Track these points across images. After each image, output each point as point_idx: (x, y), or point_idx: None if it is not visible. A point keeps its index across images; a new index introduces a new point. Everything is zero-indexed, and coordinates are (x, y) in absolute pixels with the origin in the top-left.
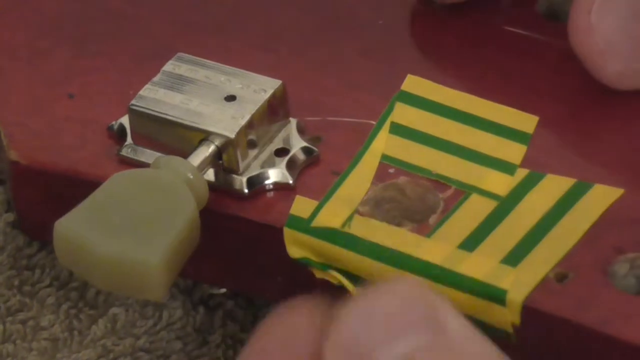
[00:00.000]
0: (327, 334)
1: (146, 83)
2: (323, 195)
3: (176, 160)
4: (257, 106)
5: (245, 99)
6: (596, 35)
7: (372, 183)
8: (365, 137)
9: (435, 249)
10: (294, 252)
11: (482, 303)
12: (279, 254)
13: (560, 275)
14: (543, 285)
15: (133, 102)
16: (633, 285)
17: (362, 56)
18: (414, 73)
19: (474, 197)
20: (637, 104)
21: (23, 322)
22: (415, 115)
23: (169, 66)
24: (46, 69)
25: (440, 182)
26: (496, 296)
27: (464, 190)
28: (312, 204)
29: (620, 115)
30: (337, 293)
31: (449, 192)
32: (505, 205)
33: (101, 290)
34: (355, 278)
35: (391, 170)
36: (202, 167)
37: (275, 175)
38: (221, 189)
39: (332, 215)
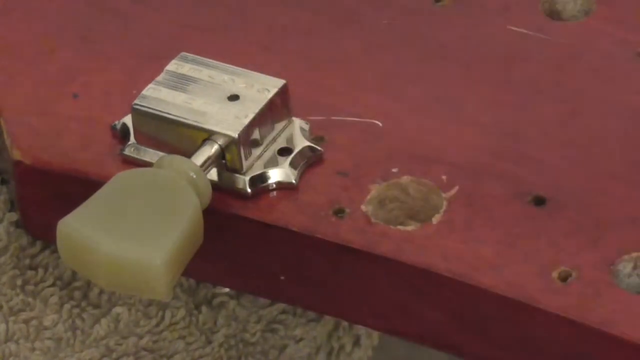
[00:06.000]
0: None
1: (149, 82)
2: (327, 195)
3: (179, 159)
4: (261, 105)
5: (248, 99)
6: None
7: (376, 182)
8: (368, 137)
9: None
10: None
11: None
12: (282, 253)
13: (564, 275)
14: (546, 284)
15: (136, 101)
16: (637, 284)
17: (366, 56)
18: (417, 72)
19: None
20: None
21: (26, 322)
22: None
23: (172, 66)
24: (50, 69)
25: (443, 181)
26: None
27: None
28: None
29: (621, 113)
30: None
31: (453, 192)
32: None
33: (104, 290)
34: None
35: (394, 170)
36: (205, 166)
37: (278, 175)
38: (224, 189)
39: None
